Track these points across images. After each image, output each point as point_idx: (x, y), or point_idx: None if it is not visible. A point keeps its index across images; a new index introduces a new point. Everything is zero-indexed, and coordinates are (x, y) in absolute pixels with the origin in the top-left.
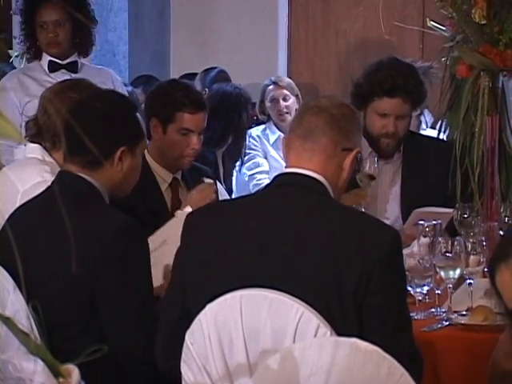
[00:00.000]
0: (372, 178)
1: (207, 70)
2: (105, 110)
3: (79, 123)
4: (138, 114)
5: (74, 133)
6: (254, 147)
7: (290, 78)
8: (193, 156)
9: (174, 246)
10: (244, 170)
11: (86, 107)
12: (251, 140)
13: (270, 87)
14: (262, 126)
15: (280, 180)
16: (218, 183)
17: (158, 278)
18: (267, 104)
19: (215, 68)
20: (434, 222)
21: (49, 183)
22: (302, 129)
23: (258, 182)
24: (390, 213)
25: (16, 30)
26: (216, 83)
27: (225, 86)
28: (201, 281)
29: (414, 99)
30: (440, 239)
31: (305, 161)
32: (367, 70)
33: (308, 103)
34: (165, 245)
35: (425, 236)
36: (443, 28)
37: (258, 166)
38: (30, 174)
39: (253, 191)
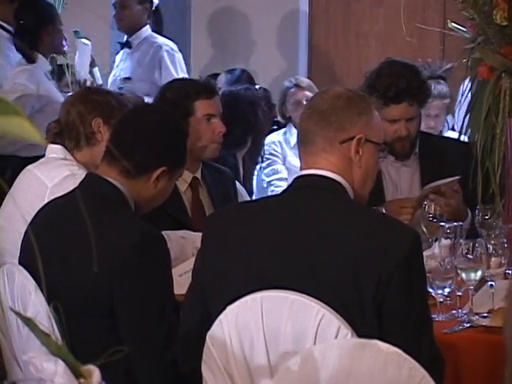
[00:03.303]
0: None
1: (230, 71)
2: (162, 124)
3: (132, 130)
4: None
5: (123, 137)
6: (274, 152)
7: (309, 79)
8: (220, 141)
9: None
10: (263, 176)
11: (144, 116)
12: (272, 145)
13: (292, 90)
14: (283, 130)
15: (298, 182)
16: (238, 184)
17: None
18: (289, 107)
19: (236, 69)
20: (455, 224)
21: (77, 176)
22: (300, 134)
23: (276, 188)
24: None
25: None
26: (240, 83)
27: (236, 88)
28: (221, 282)
29: (419, 99)
30: (461, 241)
31: (311, 163)
32: (368, 78)
33: (306, 104)
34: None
35: (446, 238)
36: (464, 29)
37: (276, 172)
38: (57, 169)
39: None
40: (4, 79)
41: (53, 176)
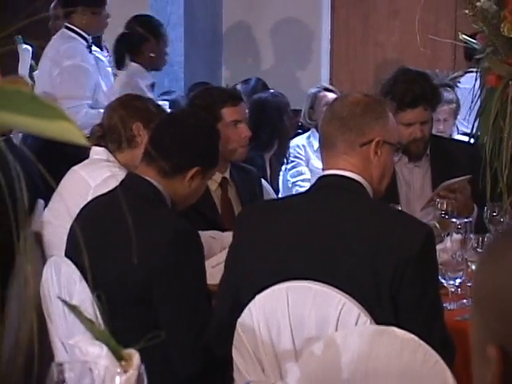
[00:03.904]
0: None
1: (246, 81)
2: (196, 128)
3: (169, 133)
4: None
5: (161, 140)
6: (298, 155)
7: (331, 86)
8: (247, 144)
9: None
10: (288, 177)
11: (180, 120)
12: (296, 148)
13: (322, 94)
14: (307, 134)
15: (321, 182)
16: (265, 183)
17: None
18: (320, 109)
19: (251, 79)
20: (466, 220)
21: (118, 177)
22: (322, 138)
23: (300, 188)
24: (424, 214)
25: None
26: (256, 91)
27: (264, 94)
28: (249, 275)
29: (432, 104)
30: (471, 236)
31: (333, 164)
32: (384, 85)
33: (326, 109)
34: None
35: (457, 233)
36: (474, 41)
37: (300, 174)
38: (100, 170)
39: None
40: (93, 84)
41: (95, 176)
